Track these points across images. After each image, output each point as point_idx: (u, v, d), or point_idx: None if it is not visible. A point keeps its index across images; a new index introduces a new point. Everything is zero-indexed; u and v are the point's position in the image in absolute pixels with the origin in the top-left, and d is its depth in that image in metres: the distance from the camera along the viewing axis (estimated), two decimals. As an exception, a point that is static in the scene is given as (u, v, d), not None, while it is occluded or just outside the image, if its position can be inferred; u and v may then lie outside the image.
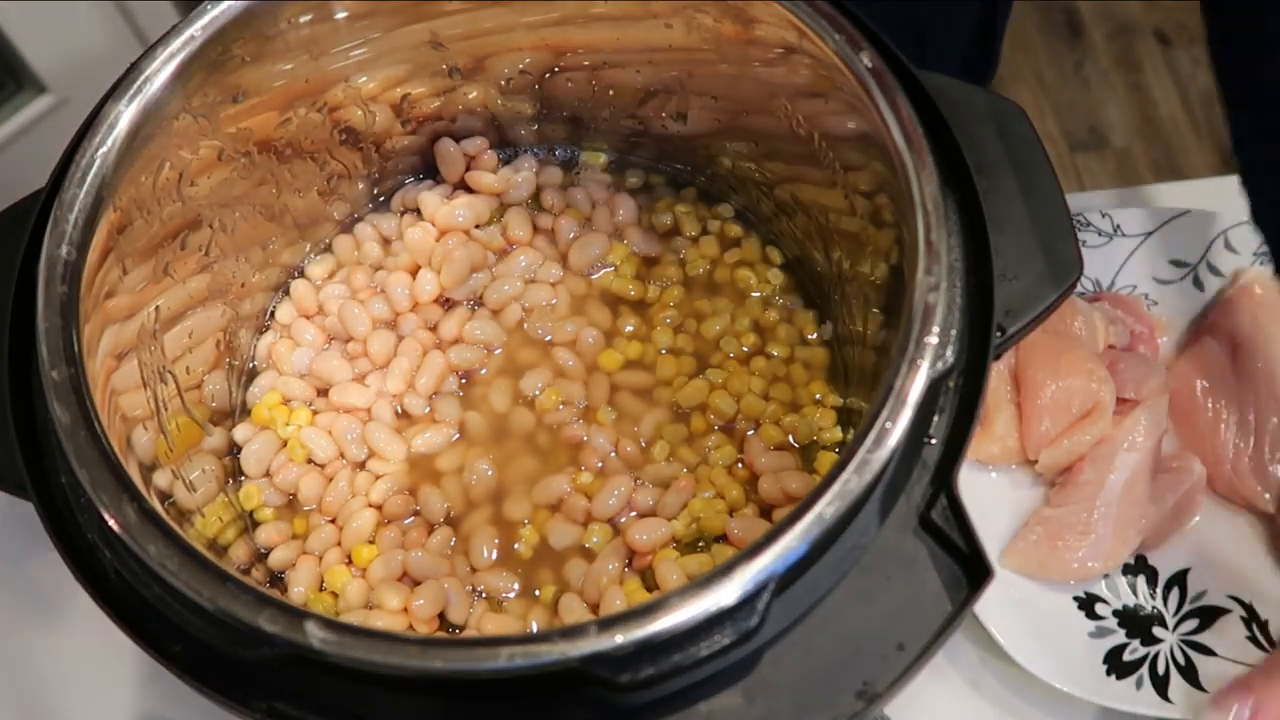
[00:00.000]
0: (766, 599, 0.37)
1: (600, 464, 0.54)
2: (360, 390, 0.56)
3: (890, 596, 0.40)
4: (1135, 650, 0.58)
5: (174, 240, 0.50)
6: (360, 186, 0.60)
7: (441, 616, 0.51)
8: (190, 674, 0.39)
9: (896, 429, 0.39)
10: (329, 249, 0.60)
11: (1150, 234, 0.68)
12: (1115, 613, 0.60)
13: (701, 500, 0.52)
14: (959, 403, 0.42)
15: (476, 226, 0.59)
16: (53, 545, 0.41)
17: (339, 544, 0.53)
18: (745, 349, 0.57)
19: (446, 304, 0.59)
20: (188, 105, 0.48)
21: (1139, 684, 0.57)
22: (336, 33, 0.51)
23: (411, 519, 0.54)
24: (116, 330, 0.46)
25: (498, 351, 0.57)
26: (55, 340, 0.42)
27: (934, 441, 0.42)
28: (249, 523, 0.54)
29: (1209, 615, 0.59)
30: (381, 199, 0.61)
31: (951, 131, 0.45)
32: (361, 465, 0.55)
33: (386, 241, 0.60)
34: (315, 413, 0.56)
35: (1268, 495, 0.61)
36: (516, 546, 0.53)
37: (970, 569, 0.40)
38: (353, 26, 0.52)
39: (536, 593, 0.52)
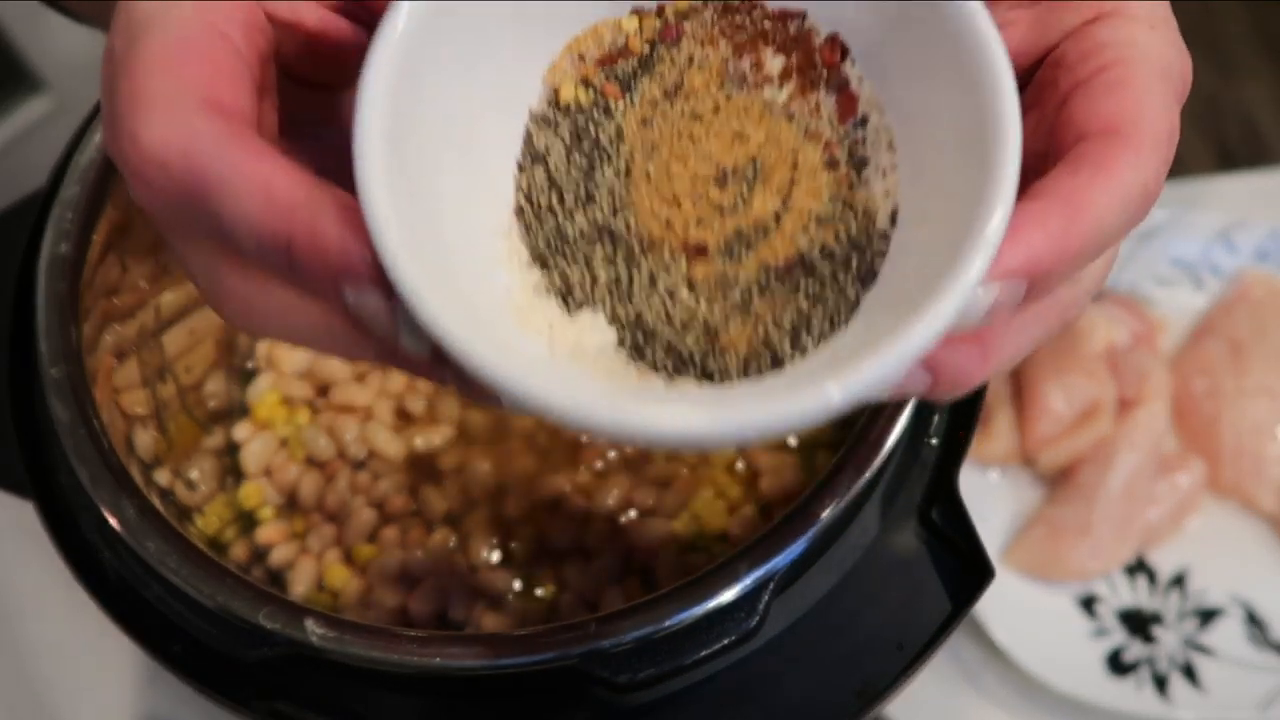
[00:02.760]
0: (766, 599, 0.37)
1: (600, 464, 0.54)
2: (360, 389, 0.56)
3: (890, 596, 0.40)
4: (1135, 650, 0.58)
5: (174, 239, 0.50)
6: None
7: (441, 616, 0.51)
8: (190, 674, 0.39)
9: (896, 429, 0.39)
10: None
11: (1150, 234, 0.68)
12: (1115, 613, 0.60)
13: (701, 500, 0.52)
14: (959, 403, 0.42)
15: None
16: (53, 545, 0.41)
17: (338, 543, 0.53)
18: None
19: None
20: (188, 104, 0.47)
21: (1139, 684, 0.57)
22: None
23: (411, 519, 0.54)
24: (116, 329, 0.46)
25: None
26: (55, 338, 0.42)
27: (934, 441, 0.42)
28: (249, 522, 0.54)
29: (1209, 615, 0.59)
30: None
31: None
32: (361, 465, 0.55)
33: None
34: (315, 412, 0.56)
35: (1268, 495, 0.61)
36: (516, 546, 0.53)
37: (970, 569, 0.40)
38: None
39: (537, 592, 0.52)
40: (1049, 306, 0.28)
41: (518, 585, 0.52)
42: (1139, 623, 0.59)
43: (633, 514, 0.53)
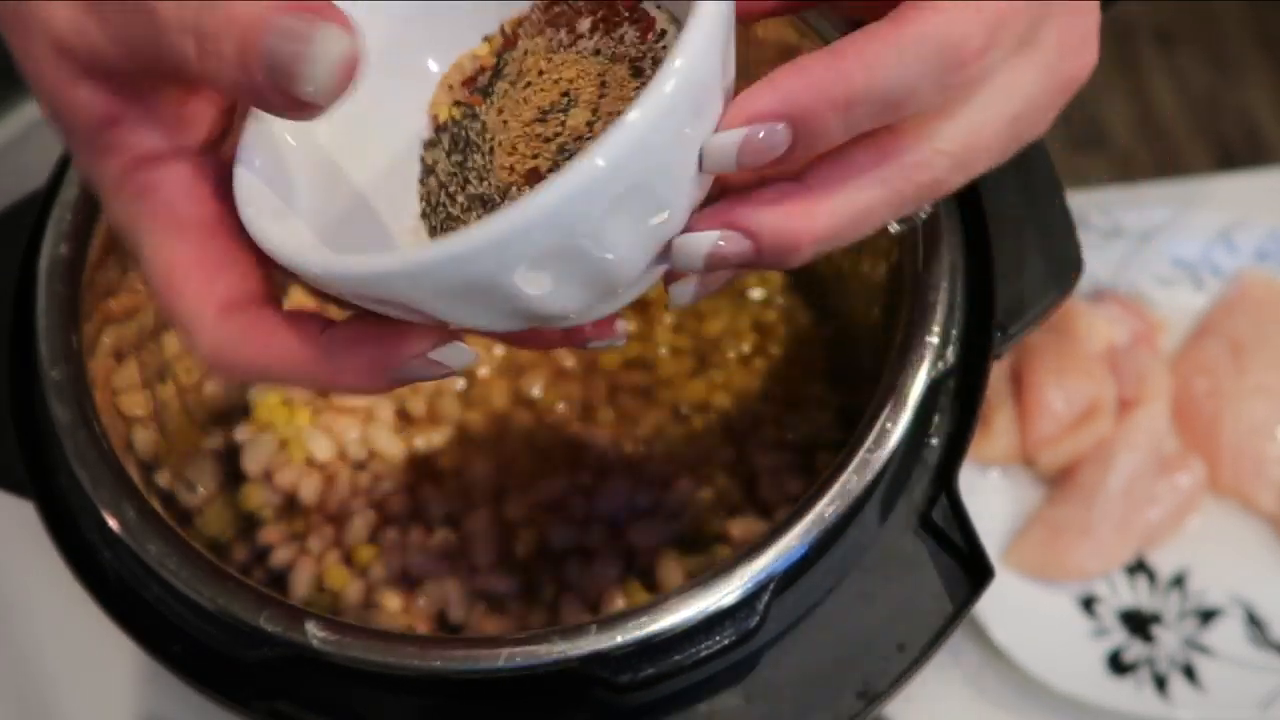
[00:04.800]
0: (766, 599, 0.37)
1: (600, 464, 0.54)
2: (360, 390, 0.56)
3: (890, 596, 0.40)
4: (1135, 650, 0.58)
5: (174, 240, 0.50)
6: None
7: (441, 616, 0.51)
8: (190, 674, 0.39)
9: (896, 429, 0.39)
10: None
11: (1150, 234, 0.68)
12: (1115, 613, 0.60)
13: (701, 500, 0.52)
14: (959, 403, 0.42)
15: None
16: (53, 545, 0.41)
17: (339, 544, 0.53)
18: (745, 349, 0.57)
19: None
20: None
21: (1139, 684, 0.57)
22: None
23: (411, 519, 0.54)
24: (116, 329, 0.46)
25: (498, 351, 0.57)
26: (54, 339, 0.42)
27: (934, 441, 0.42)
28: (249, 523, 0.54)
29: (1209, 615, 0.59)
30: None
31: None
32: (362, 466, 0.55)
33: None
34: (316, 413, 0.56)
35: (1268, 495, 0.61)
36: (516, 546, 0.53)
37: (970, 569, 0.40)
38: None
39: (538, 594, 0.52)
40: (888, 165, 0.28)
41: (518, 587, 0.52)
42: (1139, 623, 0.59)
43: (633, 515, 0.53)
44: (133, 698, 0.59)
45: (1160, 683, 0.57)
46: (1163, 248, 0.68)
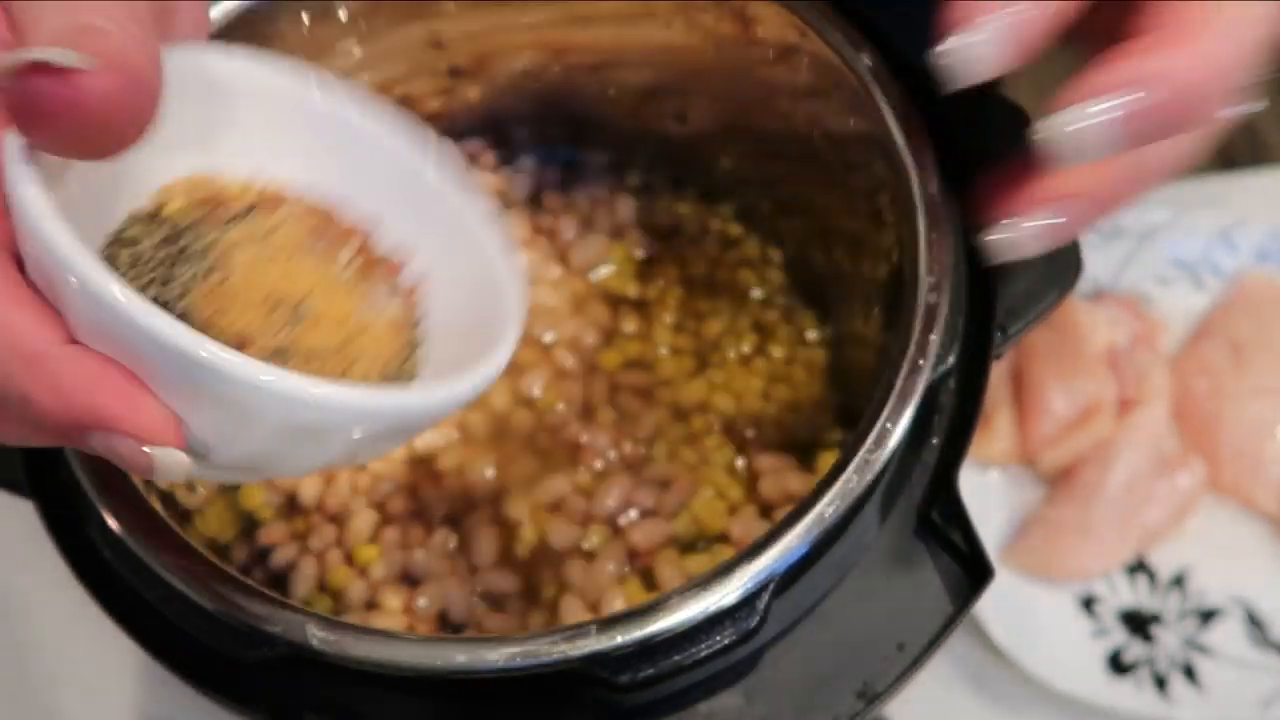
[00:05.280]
0: (767, 599, 0.37)
1: (600, 464, 0.54)
2: (360, 390, 0.56)
3: (890, 596, 0.40)
4: (1135, 650, 0.58)
5: (174, 240, 0.50)
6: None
7: (442, 617, 0.51)
8: (190, 674, 0.39)
9: (897, 429, 0.39)
10: (329, 249, 0.60)
11: (1150, 234, 0.68)
12: (1115, 613, 0.60)
13: (701, 500, 0.52)
14: (959, 403, 0.42)
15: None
16: (52, 545, 0.41)
17: (339, 544, 0.53)
18: (745, 349, 0.57)
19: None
20: (188, 105, 0.47)
21: (1139, 684, 0.57)
22: (336, 33, 0.51)
23: (411, 519, 0.54)
24: (116, 330, 0.46)
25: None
26: (55, 340, 0.41)
27: (934, 441, 0.42)
28: (249, 523, 0.54)
29: (1209, 615, 0.59)
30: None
31: (953, 131, 0.45)
32: (362, 466, 0.55)
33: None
34: (315, 413, 0.56)
35: (1268, 495, 0.61)
36: (516, 546, 0.53)
37: (970, 569, 0.40)
38: (353, 27, 0.51)
39: (538, 594, 0.52)
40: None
41: (518, 587, 0.52)
42: (1139, 623, 0.59)
43: (633, 515, 0.53)
44: (133, 698, 0.59)
45: (1160, 683, 0.57)
46: (1163, 248, 0.68)
